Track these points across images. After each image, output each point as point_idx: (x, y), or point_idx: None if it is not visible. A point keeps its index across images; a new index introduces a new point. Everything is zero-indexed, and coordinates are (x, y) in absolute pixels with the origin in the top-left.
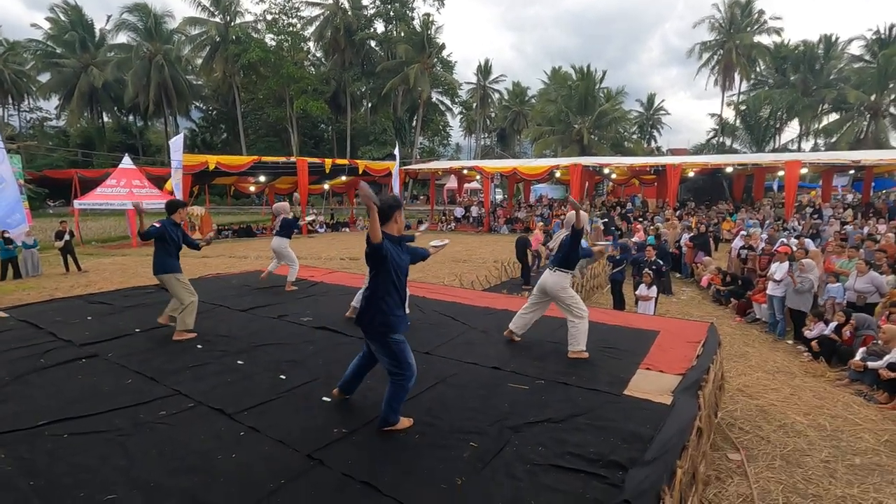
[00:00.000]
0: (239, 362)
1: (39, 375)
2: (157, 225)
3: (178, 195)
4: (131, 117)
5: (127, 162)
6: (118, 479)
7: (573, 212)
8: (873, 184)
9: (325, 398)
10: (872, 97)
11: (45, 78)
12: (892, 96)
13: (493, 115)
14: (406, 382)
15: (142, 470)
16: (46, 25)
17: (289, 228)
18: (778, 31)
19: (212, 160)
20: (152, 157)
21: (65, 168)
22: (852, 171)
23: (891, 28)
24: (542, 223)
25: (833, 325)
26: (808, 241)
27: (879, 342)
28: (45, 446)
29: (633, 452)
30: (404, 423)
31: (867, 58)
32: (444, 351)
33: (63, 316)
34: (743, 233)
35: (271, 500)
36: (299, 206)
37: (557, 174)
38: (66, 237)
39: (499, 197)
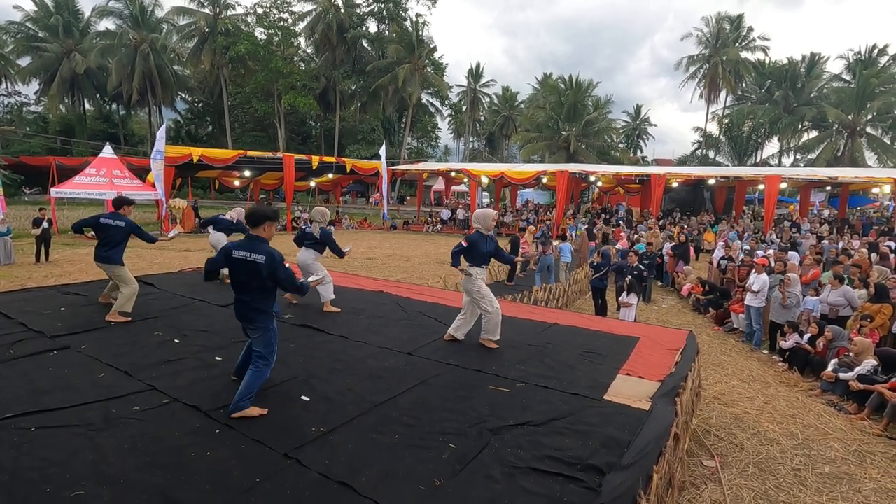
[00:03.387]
0: (217, 358)
1: (7, 367)
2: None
3: (160, 187)
4: (114, 106)
5: (108, 151)
6: (86, 475)
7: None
8: (849, 200)
9: (303, 397)
10: (850, 116)
11: (25, 62)
12: (870, 116)
13: (482, 118)
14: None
15: (111, 465)
16: (29, 7)
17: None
18: (765, 50)
19: (196, 152)
20: (134, 147)
21: (43, 155)
22: (829, 188)
23: (871, 49)
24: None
25: (807, 336)
26: (792, 253)
27: (851, 354)
28: (10, 440)
29: (611, 457)
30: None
31: (847, 77)
32: (425, 352)
33: (35, 306)
34: (721, 243)
35: (245, 498)
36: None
37: (544, 180)
38: (45, 225)
39: (486, 200)
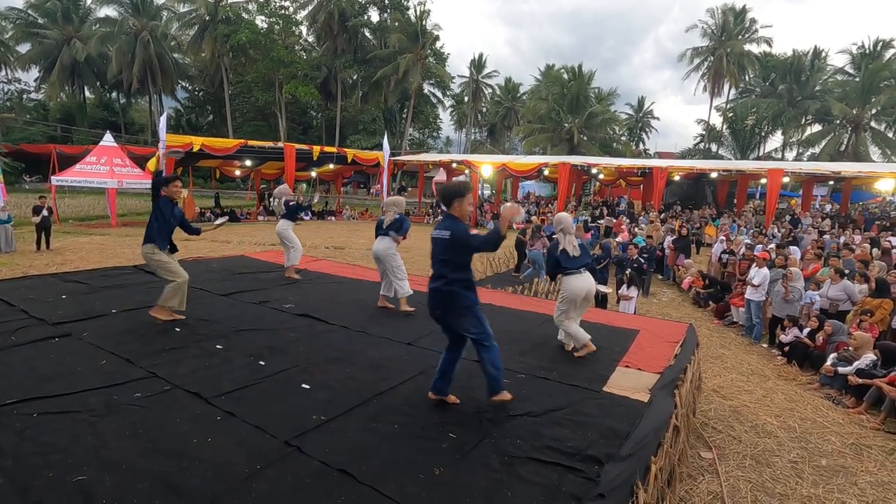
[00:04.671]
0: (218, 347)
1: (9, 353)
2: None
3: None
4: (114, 94)
5: (108, 139)
6: (89, 460)
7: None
8: (851, 195)
9: (304, 385)
10: (855, 110)
11: (24, 48)
12: (874, 110)
13: (484, 109)
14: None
15: (114, 451)
16: None
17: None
18: (768, 41)
19: (197, 142)
20: (135, 135)
21: (43, 143)
22: (832, 182)
23: (876, 43)
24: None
25: (807, 330)
26: (793, 248)
27: (850, 349)
28: (13, 426)
29: (610, 448)
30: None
31: (851, 71)
32: (426, 342)
33: (36, 293)
34: (722, 237)
35: (246, 485)
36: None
37: (546, 172)
38: (44, 213)
39: (486, 192)
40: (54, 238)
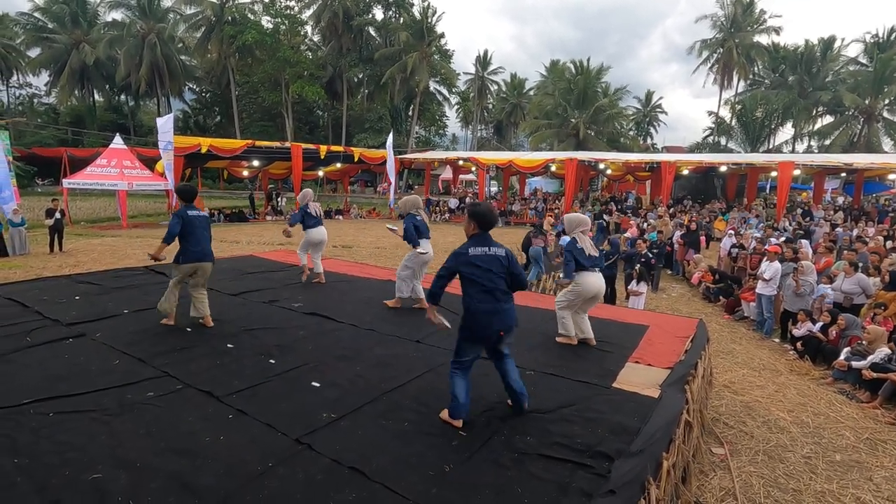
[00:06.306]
0: (228, 346)
1: (25, 354)
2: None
3: (170, 177)
4: (123, 96)
5: (118, 142)
6: (103, 459)
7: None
8: (864, 187)
9: (314, 383)
10: (867, 101)
11: (35, 53)
12: (887, 101)
13: (490, 106)
14: None
15: (128, 450)
16: None
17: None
18: (777, 31)
19: (204, 143)
20: (144, 137)
21: (54, 146)
22: (844, 174)
23: (890, 31)
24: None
25: (819, 324)
26: (804, 241)
27: (864, 342)
28: (29, 424)
29: (620, 444)
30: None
31: (864, 61)
32: (434, 340)
33: (50, 295)
34: (730, 231)
35: (258, 483)
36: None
37: (553, 168)
38: (57, 216)
39: (493, 189)
40: (67, 240)
